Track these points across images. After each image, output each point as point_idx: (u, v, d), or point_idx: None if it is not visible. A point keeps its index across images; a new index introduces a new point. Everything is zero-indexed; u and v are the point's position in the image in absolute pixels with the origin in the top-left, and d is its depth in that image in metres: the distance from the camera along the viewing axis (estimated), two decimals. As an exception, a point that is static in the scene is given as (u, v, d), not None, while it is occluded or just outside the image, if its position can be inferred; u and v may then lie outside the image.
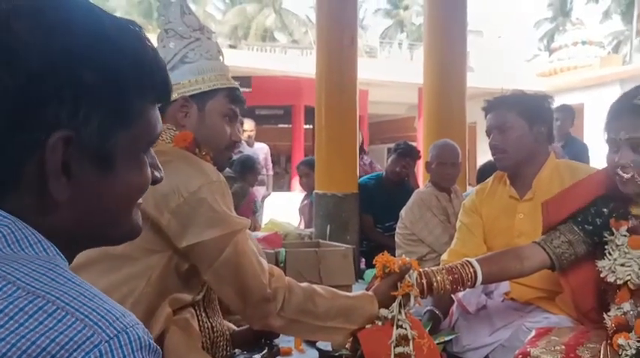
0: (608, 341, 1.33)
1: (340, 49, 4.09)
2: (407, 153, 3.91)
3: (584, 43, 19.24)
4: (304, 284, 1.24)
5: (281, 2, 31.07)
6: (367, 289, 1.40)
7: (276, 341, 1.36)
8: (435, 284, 1.36)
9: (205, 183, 1.13)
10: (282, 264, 2.54)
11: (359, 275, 3.41)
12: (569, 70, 17.70)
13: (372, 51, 24.00)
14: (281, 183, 18.92)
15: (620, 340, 1.28)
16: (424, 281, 1.36)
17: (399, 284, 1.32)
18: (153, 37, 1.40)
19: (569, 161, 1.95)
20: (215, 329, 1.26)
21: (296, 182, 14.83)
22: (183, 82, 1.29)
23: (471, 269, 1.40)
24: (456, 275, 1.39)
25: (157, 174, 0.59)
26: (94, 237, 0.56)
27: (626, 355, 1.27)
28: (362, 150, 4.83)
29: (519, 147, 1.88)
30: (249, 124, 5.27)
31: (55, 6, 0.51)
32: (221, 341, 1.27)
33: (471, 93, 4.62)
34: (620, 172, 1.31)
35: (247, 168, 4.24)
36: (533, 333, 1.46)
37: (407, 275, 1.33)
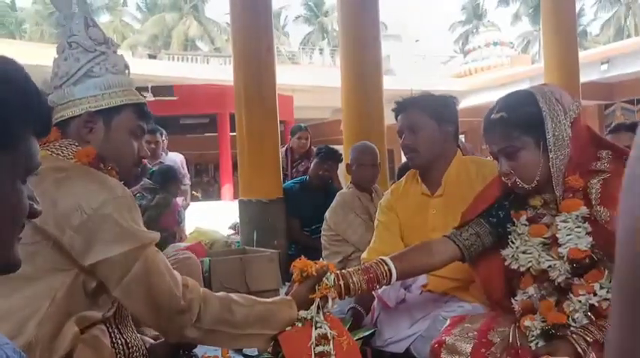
0: (517, 324, 1.41)
1: (257, 56, 4.09)
2: (328, 157, 3.97)
3: (495, 44, 20.37)
4: (220, 294, 1.23)
5: (202, 11, 30.61)
6: (286, 294, 1.41)
7: (196, 351, 1.33)
8: (351, 285, 1.39)
9: (109, 198, 1.09)
10: (206, 274, 2.50)
11: (287, 278, 3.42)
12: (482, 70, 18.67)
13: (294, 57, 24.15)
14: (210, 191, 18.62)
15: (527, 322, 1.37)
16: (341, 282, 1.38)
17: (316, 287, 1.34)
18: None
19: (475, 157, 2.06)
20: (130, 345, 1.22)
21: (226, 190, 14.67)
22: (87, 96, 1.24)
23: (385, 267, 1.45)
24: (371, 275, 1.43)
25: (35, 206, 0.59)
26: None
27: (532, 335, 1.36)
28: (305, 156, 4.80)
29: (430, 146, 1.96)
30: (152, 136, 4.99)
31: None
32: (138, 357, 1.23)
33: (391, 96, 4.72)
34: (504, 179, 1.42)
35: (169, 179, 4.12)
36: (448, 322, 1.52)
37: (324, 278, 1.35)
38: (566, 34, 5.98)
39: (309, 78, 14.29)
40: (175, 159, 5.57)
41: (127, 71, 1.34)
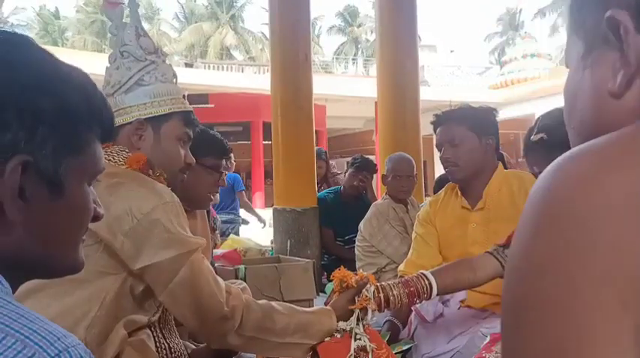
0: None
1: (295, 65, 4.13)
2: (363, 167, 3.96)
3: (533, 55, 20.04)
4: (262, 302, 1.24)
5: (238, 20, 31.13)
6: (326, 304, 1.41)
7: (235, 359, 1.35)
8: (391, 297, 1.39)
9: (159, 203, 1.12)
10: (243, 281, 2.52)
11: (320, 288, 3.41)
12: (519, 82, 18.36)
13: (327, 67, 24.28)
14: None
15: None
16: (381, 295, 1.38)
17: (356, 298, 1.34)
18: (106, 58, 1.39)
19: (517, 171, 2.03)
20: (173, 350, 1.24)
21: (257, 198, 14.80)
22: (138, 104, 1.29)
23: (426, 282, 1.44)
24: (412, 288, 1.42)
25: (98, 210, 0.62)
26: (38, 266, 0.58)
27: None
28: (324, 180, 4.80)
29: (470, 159, 1.94)
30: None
31: (17, 49, 0.56)
32: (179, 362, 1.25)
33: (426, 107, 4.73)
34: None
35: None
36: (488, 339, 1.49)
37: (364, 290, 1.35)
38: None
39: (343, 88, 14.33)
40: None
41: (174, 80, 1.38)
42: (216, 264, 2.65)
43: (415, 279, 1.44)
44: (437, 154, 2.05)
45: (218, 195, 4.31)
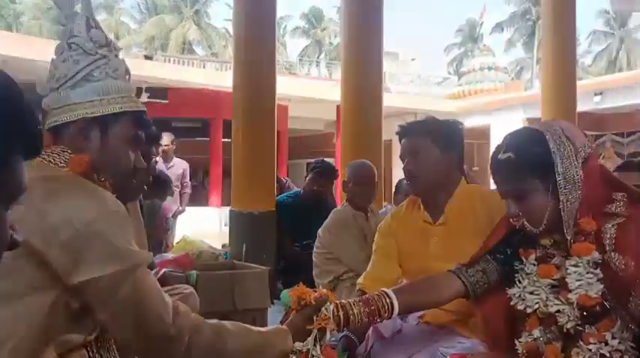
0: (519, 368, 1.35)
1: (259, 63, 4.03)
2: (323, 173, 3.89)
3: (490, 68, 20.54)
4: (213, 322, 1.15)
5: (202, 15, 30.61)
6: (282, 322, 1.33)
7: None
8: (351, 317, 1.32)
9: (102, 213, 1.02)
10: (193, 287, 2.41)
11: (275, 295, 3.33)
12: (476, 93, 18.77)
13: (291, 67, 24.21)
14: (198, 197, 18.44)
15: (531, 367, 1.31)
16: (341, 313, 1.31)
17: (314, 317, 1.27)
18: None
19: (480, 186, 2.01)
20: (112, 372, 1.14)
21: (214, 196, 14.53)
22: (85, 101, 1.17)
23: (388, 300, 1.38)
24: (372, 307, 1.36)
25: (15, 236, 0.55)
26: None
27: (537, 381, 1.30)
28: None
29: (432, 173, 1.90)
30: (166, 138, 5.01)
31: None
32: (119, 384, 1.15)
33: (387, 113, 4.73)
34: (512, 221, 1.39)
35: (158, 184, 4.03)
36: (447, 360, 1.45)
37: (323, 308, 1.28)
38: (565, 63, 6.00)
39: (306, 89, 14.27)
40: (182, 165, 5.50)
41: (127, 76, 1.27)
42: (166, 270, 2.53)
43: (376, 298, 1.39)
44: (395, 159, 2.01)
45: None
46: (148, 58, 17.28)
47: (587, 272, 1.27)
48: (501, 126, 14.51)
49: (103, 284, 1.01)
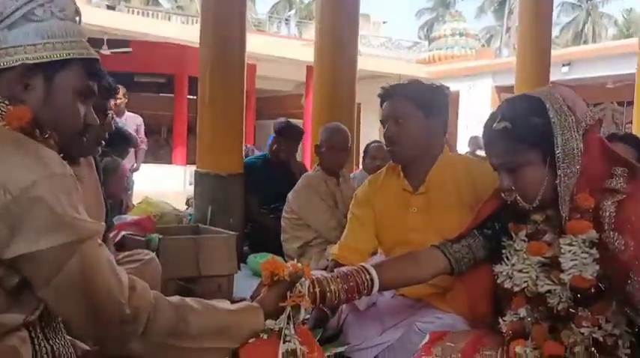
0: (505, 348, 1.28)
1: (228, 18, 3.79)
2: (284, 133, 3.73)
3: (461, 34, 20.48)
4: (175, 299, 1.02)
5: (167, -35, 29.25)
6: (252, 298, 1.21)
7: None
8: (328, 293, 1.22)
9: (43, 176, 0.86)
10: (154, 252, 2.27)
11: (242, 259, 3.22)
12: (447, 59, 18.70)
13: (260, 25, 23.51)
14: (160, 154, 17.98)
15: (518, 348, 1.23)
16: (317, 290, 1.20)
17: (288, 293, 1.15)
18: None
19: (463, 155, 1.91)
20: (57, 353, 1.00)
21: (178, 154, 14.18)
22: (26, 45, 0.98)
23: (368, 276, 1.28)
24: (351, 283, 1.25)
25: None
26: None
27: (523, 364, 1.23)
28: None
29: (414, 140, 1.79)
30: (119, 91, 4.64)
31: None
32: (66, 368, 1.02)
33: (357, 76, 4.57)
34: (504, 196, 1.29)
35: (118, 140, 3.79)
36: (426, 338, 1.37)
37: (298, 284, 1.16)
38: (540, 32, 5.93)
39: (276, 48, 13.87)
40: (135, 120, 5.21)
41: (77, 18, 1.08)
42: (125, 233, 2.37)
43: (355, 273, 1.28)
44: (363, 123, 1.89)
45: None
46: (110, 8, 16.46)
47: (583, 252, 1.19)
48: (471, 93, 14.56)
49: (44, 258, 0.86)
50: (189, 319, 1.00)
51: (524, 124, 1.22)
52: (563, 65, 13.06)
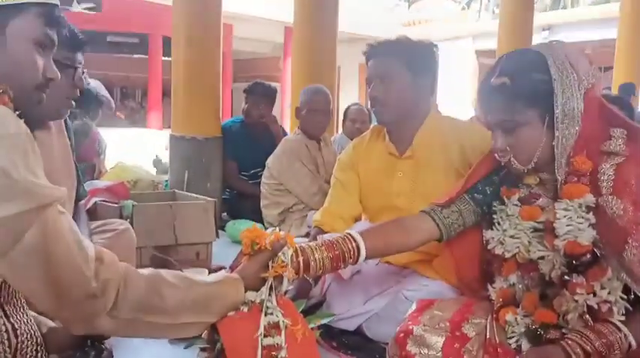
0: (494, 316, 1.24)
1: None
2: (252, 91, 3.57)
3: (440, -5, 20.23)
4: (147, 272, 0.94)
5: None
6: (232, 268, 1.14)
7: (108, 342, 1.04)
8: (312, 263, 1.15)
9: None
10: (128, 220, 2.17)
11: (220, 226, 3.13)
12: (427, 22, 18.48)
13: (238, -17, 22.79)
14: (135, 118, 17.55)
15: (508, 316, 1.20)
16: (300, 259, 1.13)
17: (270, 263, 1.08)
18: None
19: (452, 117, 1.83)
20: (19, 332, 0.91)
21: (153, 118, 13.84)
22: None
23: (354, 244, 1.21)
24: (336, 252, 1.18)
25: None
26: None
27: (513, 332, 1.19)
28: None
29: (401, 100, 1.71)
30: None
31: None
32: (28, 347, 0.93)
33: (338, 38, 4.42)
34: (498, 157, 1.23)
35: (88, 102, 3.62)
36: (413, 306, 1.32)
37: (280, 253, 1.09)
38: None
39: (253, 8, 13.46)
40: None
41: None
42: (97, 200, 2.26)
43: (341, 241, 1.21)
44: (342, 86, 1.80)
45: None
46: (78, -38, 15.70)
47: (579, 217, 1.13)
48: (451, 57, 14.44)
49: (0, 228, 0.76)
50: (164, 292, 0.93)
51: (525, 80, 1.14)
52: (543, 29, 13.03)
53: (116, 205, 2.25)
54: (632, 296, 1.11)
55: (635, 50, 7.34)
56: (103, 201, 2.28)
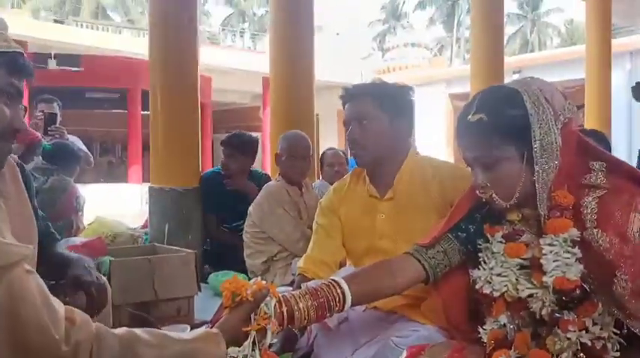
0: (487, 360, 1.20)
1: (177, 27, 3.64)
2: (229, 144, 3.53)
3: (413, 45, 20.98)
4: (121, 331, 0.89)
5: (116, -23, 28.74)
6: (212, 323, 1.09)
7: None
8: (297, 313, 1.10)
9: None
10: (105, 276, 2.09)
11: (202, 278, 3.05)
12: (400, 69, 19.02)
13: (214, 37, 23.30)
14: (116, 173, 17.44)
15: (501, 358, 1.15)
16: (284, 309, 1.08)
17: (252, 316, 1.03)
18: None
19: (431, 157, 1.84)
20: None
21: (133, 172, 13.75)
22: None
23: (339, 291, 1.17)
24: (321, 300, 1.14)
25: None
26: None
27: (507, 375, 1.15)
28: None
29: (379, 141, 1.71)
30: (47, 105, 3.95)
31: None
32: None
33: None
34: (479, 193, 1.22)
35: (67, 157, 3.57)
36: (404, 354, 1.27)
37: (263, 304, 1.04)
38: (493, 40, 6.06)
39: (230, 60, 13.72)
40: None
41: None
42: (73, 257, 2.18)
43: (325, 288, 1.17)
44: (322, 134, 1.80)
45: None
46: (58, 22, 15.95)
47: (565, 252, 1.12)
48: (425, 102, 14.77)
49: None
50: (139, 352, 0.87)
51: (501, 116, 1.15)
52: (514, 72, 13.43)
53: (95, 261, 2.17)
54: (625, 331, 1.08)
55: (604, 88, 7.60)
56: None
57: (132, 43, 13.35)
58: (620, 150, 9.66)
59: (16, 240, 0.79)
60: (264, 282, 1.08)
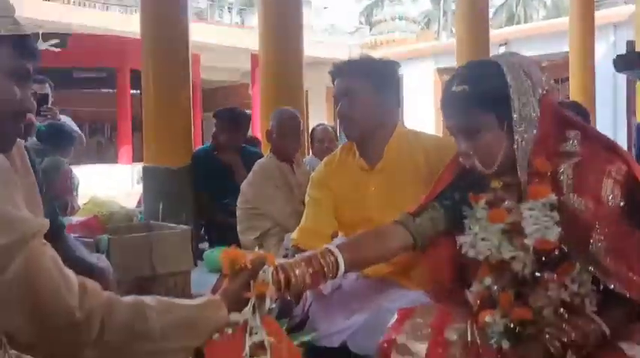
0: (474, 319, 1.27)
1: (169, 4, 3.63)
2: (220, 116, 3.53)
3: (401, 18, 20.80)
4: (129, 298, 0.94)
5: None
6: (214, 291, 1.15)
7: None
8: (293, 279, 1.16)
9: None
10: (104, 254, 2.15)
11: (198, 255, 3.12)
12: (388, 43, 18.92)
13: (201, 13, 22.95)
14: (105, 154, 17.35)
15: (487, 317, 1.23)
16: (281, 276, 1.15)
17: (251, 283, 1.09)
18: None
19: (413, 129, 1.91)
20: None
21: (123, 152, 13.69)
22: None
23: (332, 258, 1.23)
24: (315, 267, 1.21)
25: None
26: None
27: (493, 333, 1.22)
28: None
29: (367, 114, 1.77)
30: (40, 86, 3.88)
31: None
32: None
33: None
34: (462, 160, 1.29)
35: (61, 138, 3.59)
36: (395, 317, 1.35)
37: (261, 272, 1.10)
38: (478, 13, 6.07)
39: (219, 37, 13.56)
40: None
41: None
42: (72, 236, 2.24)
43: (319, 256, 1.23)
44: (311, 110, 1.86)
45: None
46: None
47: (544, 216, 1.19)
48: (414, 76, 14.76)
49: None
50: (148, 316, 0.93)
51: (482, 87, 1.21)
52: (500, 45, 13.40)
53: (91, 240, 2.23)
54: (602, 287, 1.16)
55: (588, 60, 7.64)
56: (78, 237, 2.26)
57: (120, 20, 13.14)
58: (605, 122, 9.77)
59: (30, 214, 0.84)
60: (260, 251, 1.15)
